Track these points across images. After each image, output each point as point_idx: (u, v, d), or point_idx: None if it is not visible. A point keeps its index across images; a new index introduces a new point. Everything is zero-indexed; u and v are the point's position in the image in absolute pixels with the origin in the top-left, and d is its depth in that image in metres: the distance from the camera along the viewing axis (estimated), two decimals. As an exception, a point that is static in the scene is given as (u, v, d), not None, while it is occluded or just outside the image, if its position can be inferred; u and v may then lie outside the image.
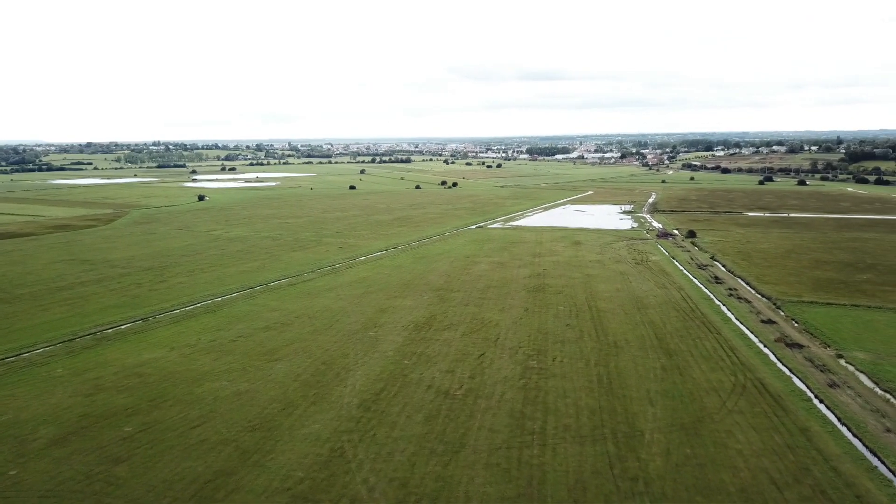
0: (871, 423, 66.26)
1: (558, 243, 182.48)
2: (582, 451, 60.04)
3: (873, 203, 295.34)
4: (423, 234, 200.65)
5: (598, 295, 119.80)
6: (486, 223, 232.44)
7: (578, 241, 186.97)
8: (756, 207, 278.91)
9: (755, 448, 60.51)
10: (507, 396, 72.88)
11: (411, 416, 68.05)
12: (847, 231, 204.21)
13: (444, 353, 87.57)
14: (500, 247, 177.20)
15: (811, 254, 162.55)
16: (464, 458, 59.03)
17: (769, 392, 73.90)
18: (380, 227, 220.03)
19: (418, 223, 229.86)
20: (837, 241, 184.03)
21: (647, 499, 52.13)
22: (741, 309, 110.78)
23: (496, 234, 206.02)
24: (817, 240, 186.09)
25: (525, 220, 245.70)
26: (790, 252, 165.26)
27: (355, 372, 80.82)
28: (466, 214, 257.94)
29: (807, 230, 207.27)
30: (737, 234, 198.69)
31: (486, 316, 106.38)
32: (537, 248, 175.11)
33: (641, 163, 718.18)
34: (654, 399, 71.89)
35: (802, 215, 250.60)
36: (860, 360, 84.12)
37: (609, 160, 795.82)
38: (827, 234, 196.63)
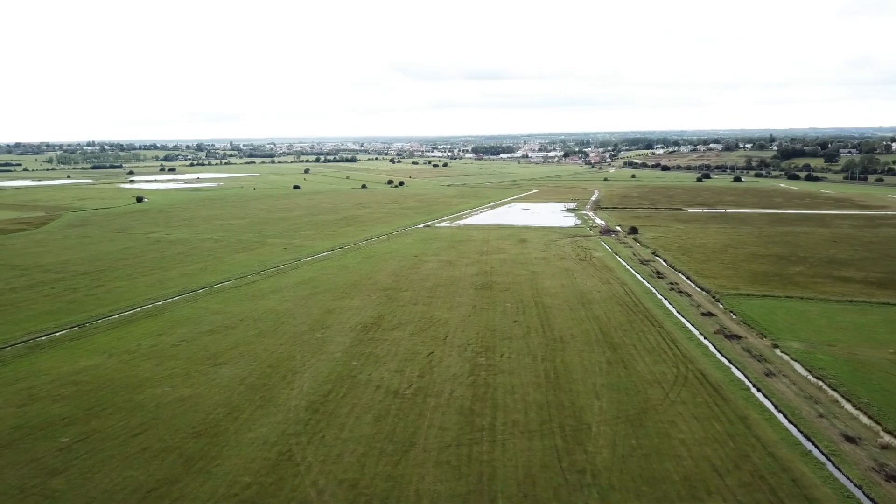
0: (805, 409, 68.98)
1: (505, 241, 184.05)
2: (531, 445, 60.69)
3: (804, 198, 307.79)
4: (370, 234, 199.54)
5: (544, 291, 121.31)
6: (433, 222, 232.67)
7: (524, 238, 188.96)
8: (695, 204, 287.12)
9: (697, 437, 62.28)
10: (456, 394, 73.10)
11: (360, 416, 67.58)
12: (780, 226, 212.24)
13: (393, 353, 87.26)
14: (447, 245, 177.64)
15: (747, 248, 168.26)
16: (414, 457, 58.94)
17: (710, 382, 76.16)
18: (325, 227, 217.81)
19: (365, 223, 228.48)
20: (772, 235, 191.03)
21: (595, 491, 53.05)
22: (682, 302, 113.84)
23: (444, 232, 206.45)
24: (753, 234, 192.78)
25: (472, 218, 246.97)
26: (727, 246, 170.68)
27: (303, 374, 79.77)
28: (414, 213, 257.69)
29: (743, 225, 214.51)
30: (677, 230, 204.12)
31: (434, 314, 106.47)
32: (484, 246, 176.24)
33: (584, 161, 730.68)
34: (599, 392, 73.21)
35: (738, 211, 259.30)
36: (794, 350, 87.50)
37: (553, 159, 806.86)
38: (762, 229, 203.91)
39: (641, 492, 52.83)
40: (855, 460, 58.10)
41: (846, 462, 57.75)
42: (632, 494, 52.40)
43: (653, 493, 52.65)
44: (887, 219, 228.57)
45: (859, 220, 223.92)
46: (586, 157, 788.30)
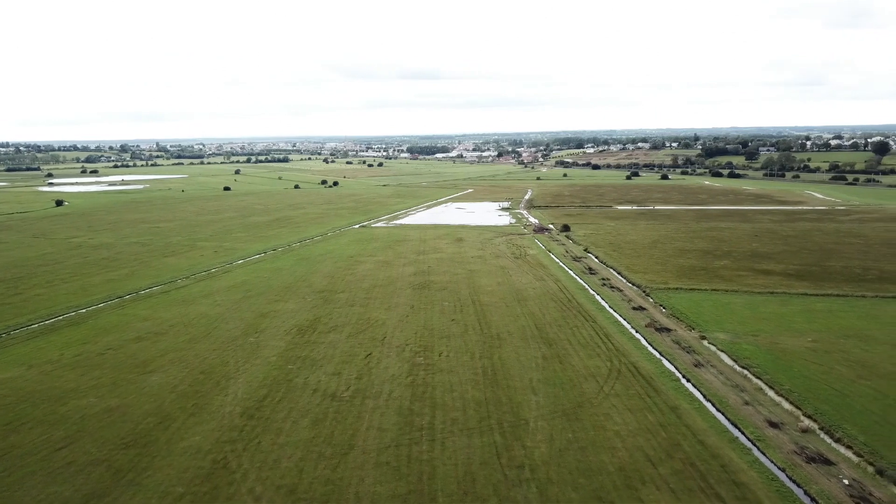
0: (731, 397, 71.76)
1: (441, 240, 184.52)
2: (470, 443, 61.01)
3: (727, 195, 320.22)
4: (304, 235, 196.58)
5: (480, 289, 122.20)
6: (369, 222, 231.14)
7: (461, 237, 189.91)
8: (624, 201, 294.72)
9: (631, 428, 63.92)
10: (395, 395, 72.80)
11: (297, 420, 66.48)
12: (706, 221, 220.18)
13: (330, 356, 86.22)
14: (384, 245, 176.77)
15: (675, 243, 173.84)
16: (353, 459, 58.38)
17: (642, 375, 78.30)
18: (258, 228, 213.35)
19: (299, 224, 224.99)
20: (697, 230, 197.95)
21: (534, 485, 53.75)
22: (614, 297, 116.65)
23: (380, 232, 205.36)
24: (680, 230, 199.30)
25: (408, 218, 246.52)
26: (656, 242, 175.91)
27: (237, 380, 77.89)
28: (349, 214, 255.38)
29: (670, 221, 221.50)
30: (608, 227, 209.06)
31: (372, 316, 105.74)
32: (421, 245, 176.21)
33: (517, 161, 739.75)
34: (536, 388, 74.24)
35: (666, 207, 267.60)
36: (721, 341, 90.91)
37: (487, 158, 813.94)
38: (688, 225, 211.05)
39: (578, 484, 53.84)
40: (778, 444, 60.81)
41: (770, 447, 60.38)
42: (569, 487, 53.34)
43: (589, 484, 53.74)
44: (804, 214, 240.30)
45: (778, 216, 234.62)
46: (519, 156, 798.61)
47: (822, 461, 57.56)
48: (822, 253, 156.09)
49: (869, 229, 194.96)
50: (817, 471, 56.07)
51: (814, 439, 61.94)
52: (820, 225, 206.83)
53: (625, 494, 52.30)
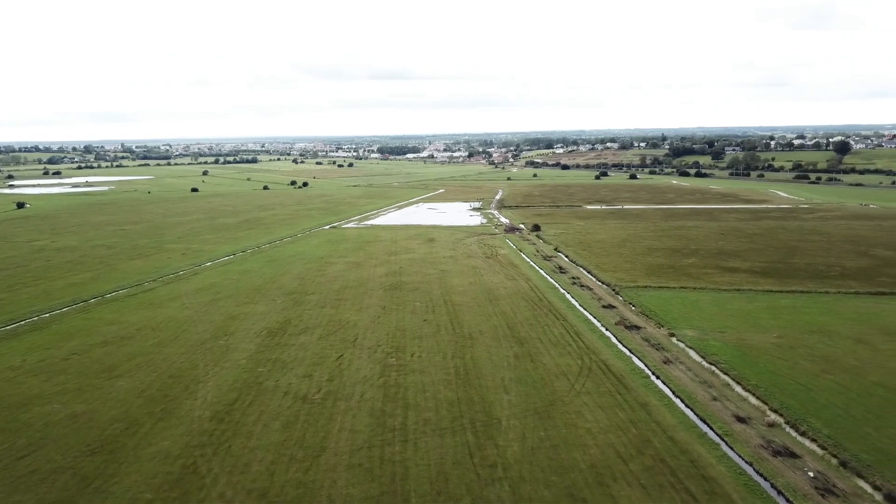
0: (700, 393, 72.84)
1: (413, 241, 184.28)
2: (442, 443, 61.01)
3: (694, 194, 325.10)
4: (273, 237, 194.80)
5: (452, 289, 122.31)
6: (339, 223, 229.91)
7: (432, 237, 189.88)
8: (594, 201, 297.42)
9: (602, 425, 64.52)
10: (367, 396, 72.50)
11: (268, 424, 65.84)
12: (673, 220, 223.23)
13: (301, 358, 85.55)
14: (355, 246, 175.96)
15: (643, 242, 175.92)
16: (325, 461, 58.00)
17: (612, 372, 79.08)
18: (226, 230, 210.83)
19: (268, 225, 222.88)
20: (665, 229, 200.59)
21: (506, 484, 53.94)
22: (584, 296, 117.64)
23: (351, 233, 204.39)
24: (648, 229, 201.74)
25: (379, 218, 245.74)
26: (625, 241, 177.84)
27: (206, 383, 76.86)
28: (319, 214, 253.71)
29: (639, 220, 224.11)
30: (577, 227, 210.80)
31: (343, 317, 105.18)
32: (392, 246, 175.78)
33: (488, 161, 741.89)
34: (508, 387, 74.53)
35: (635, 207, 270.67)
36: (689, 338, 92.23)
37: (458, 159, 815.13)
38: (656, 224, 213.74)
39: (551, 482, 54.17)
40: (745, 439, 61.88)
41: (738, 441, 61.42)
42: (542, 485, 53.64)
43: (562, 482, 54.10)
44: (768, 212, 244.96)
45: (744, 214, 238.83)
46: (490, 156, 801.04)
47: (787, 454, 58.72)
48: (787, 250, 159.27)
49: (831, 227, 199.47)
50: (783, 464, 57.19)
51: (780, 433, 63.15)
52: (784, 223, 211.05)
53: (596, 491, 52.76)
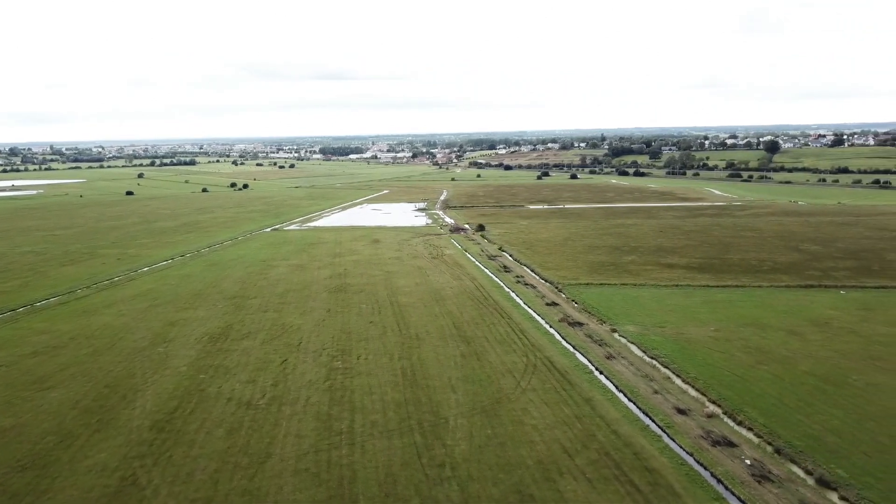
0: (642, 387, 74.54)
1: (357, 242, 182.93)
2: (390, 444, 60.71)
3: (633, 193, 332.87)
4: (213, 240, 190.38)
5: (398, 290, 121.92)
6: (281, 225, 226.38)
7: (377, 239, 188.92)
8: (536, 200, 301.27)
9: (548, 422, 65.33)
10: (312, 400, 71.56)
11: (211, 431, 64.24)
12: (613, 218, 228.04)
13: (244, 363, 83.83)
14: (298, 249, 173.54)
15: (585, 240, 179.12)
16: (271, 467, 56.96)
17: (557, 368, 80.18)
18: (164, 234, 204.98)
19: (207, 228, 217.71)
20: (606, 227, 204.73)
21: (455, 483, 54.04)
22: (528, 294, 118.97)
23: (293, 235, 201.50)
24: (589, 227, 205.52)
25: (323, 220, 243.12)
26: (567, 240, 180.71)
27: (145, 392, 74.50)
28: (260, 217, 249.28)
29: (580, 219, 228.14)
30: (521, 226, 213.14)
31: (287, 321, 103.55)
32: (337, 248, 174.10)
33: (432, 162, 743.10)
34: (455, 386, 74.72)
35: (576, 206, 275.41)
36: (631, 333, 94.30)
37: (401, 159, 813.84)
38: (597, 222, 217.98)
39: (498, 479, 54.52)
40: (686, 430, 63.63)
41: (679, 432, 63.10)
42: (490, 483, 53.94)
43: (509, 479, 54.52)
44: (704, 210, 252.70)
45: (681, 212, 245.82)
46: (434, 157, 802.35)
47: (726, 444, 60.63)
48: (722, 246, 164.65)
49: (763, 223, 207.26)
50: (722, 453, 59.03)
51: (718, 423, 65.17)
52: (719, 220, 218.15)
53: (543, 487, 53.37)
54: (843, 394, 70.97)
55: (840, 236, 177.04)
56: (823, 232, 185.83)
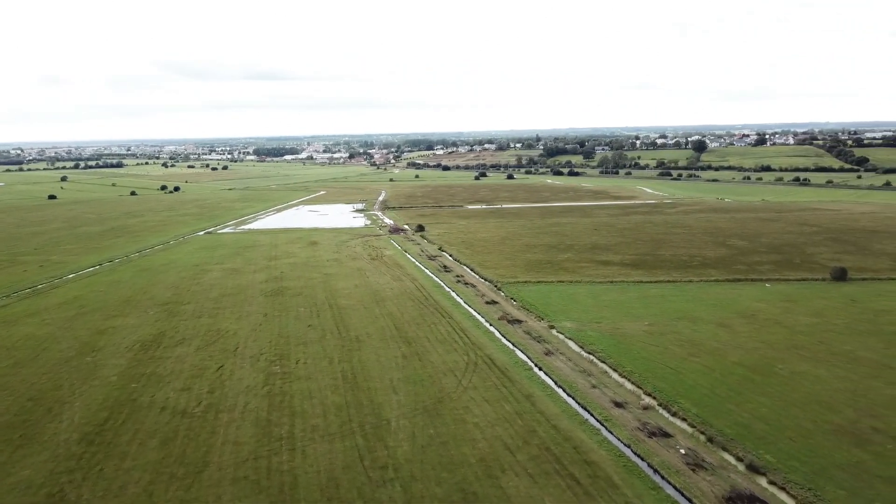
0: (580, 382, 75.94)
1: (294, 244, 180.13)
2: (332, 448, 59.99)
3: (568, 192, 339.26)
4: (143, 245, 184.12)
5: (337, 293, 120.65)
6: (215, 228, 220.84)
7: (315, 241, 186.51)
8: (475, 200, 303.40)
9: (489, 419, 65.79)
10: (251, 406, 70.04)
11: (144, 442, 62.05)
12: (549, 217, 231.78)
13: (179, 371, 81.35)
14: (232, 252, 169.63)
15: (522, 239, 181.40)
16: (208, 476, 55.42)
17: (497, 366, 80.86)
18: (90, 239, 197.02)
19: (137, 233, 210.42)
20: (542, 226, 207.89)
21: (398, 484, 53.80)
22: (468, 293, 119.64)
23: (228, 239, 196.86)
24: (526, 227, 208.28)
25: (258, 222, 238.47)
26: (505, 239, 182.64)
27: (72, 404, 71.38)
28: (193, 220, 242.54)
29: (517, 218, 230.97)
30: (460, 226, 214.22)
31: (222, 326, 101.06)
32: (273, 250, 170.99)
33: (369, 162, 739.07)
34: (397, 387, 74.44)
35: (513, 206, 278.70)
36: (568, 329, 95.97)
37: (338, 160, 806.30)
38: (534, 221, 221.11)
39: (442, 478, 54.58)
40: (623, 423, 65.16)
41: (616, 425, 64.56)
42: (433, 482, 53.94)
43: (452, 478, 54.64)
44: (636, 208, 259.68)
45: (614, 210, 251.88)
46: (371, 158, 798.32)
47: (661, 434, 62.38)
48: (654, 243, 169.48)
49: (692, 220, 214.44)
50: (658, 444, 60.70)
51: (654, 415, 66.99)
52: (650, 217, 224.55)
53: (486, 484, 53.71)
54: (770, 382, 74.07)
55: (764, 232, 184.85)
56: (749, 228, 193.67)
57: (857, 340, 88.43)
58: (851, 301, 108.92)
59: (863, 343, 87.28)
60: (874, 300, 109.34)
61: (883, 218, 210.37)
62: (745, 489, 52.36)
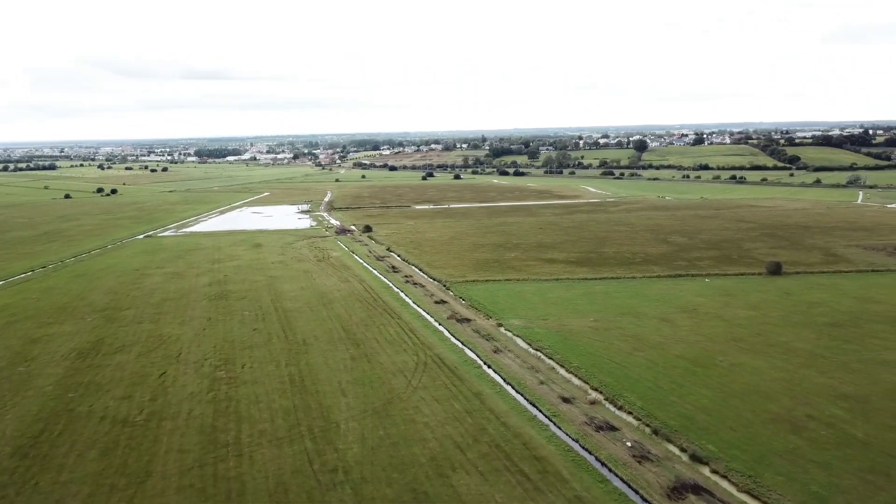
0: (528, 379, 76.70)
1: (238, 247, 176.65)
2: (280, 453, 59.03)
3: (514, 192, 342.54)
4: (79, 249, 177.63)
5: (283, 295, 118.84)
6: (155, 231, 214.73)
7: (259, 243, 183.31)
8: (422, 200, 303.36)
9: (439, 418, 65.83)
10: (195, 413, 68.32)
11: (83, 453, 59.82)
12: (496, 217, 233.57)
13: (119, 378, 78.75)
14: (174, 255, 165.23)
15: (470, 238, 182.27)
16: (152, 486, 53.80)
17: (446, 365, 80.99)
18: (21, 244, 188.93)
19: (72, 237, 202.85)
20: (489, 226, 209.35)
21: (348, 486, 53.31)
22: (417, 293, 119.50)
23: (169, 242, 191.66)
24: (474, 226, 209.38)
25: (200, 225, 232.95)
26: (453, 238, 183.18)
27: (4, 417, 68.28)
28: (131, 223, 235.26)
29: (465, 218, 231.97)
30: (408, 226, 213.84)
31: (164, 332, 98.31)
32: (216, 253, 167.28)
33: (315, 163, 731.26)
34: (345, 389, 73.77)
35: (460, 205, 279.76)
36: (516, 327, 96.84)
37: (282, 161, 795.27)
38: (481, 221, 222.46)
39: (392, 479, 54.32)
40: (571, 418, 66.10)
41: (564, 420, 65.45)
42: (383, 484, 53.63)
43: (403, 478, 54.44)
44: (580, 206, 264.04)
45: (559, 209, 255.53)
46: (316, 158, 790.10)
47: (608, 428, 63.52)
48: (598, 241, 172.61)
49: (634, 218, 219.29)
50: (605, 437, 61.79)
51: (601, 409, 68.17)
52: (594, 216, 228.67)
53: (437, 483, 53.71)
54: (711, 374, 76.31)
55: (703, 228, 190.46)
56: (689, 225, 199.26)
57: (792, 332, 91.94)
58: (786, 294, 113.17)
59: (797, 334, 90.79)
60: (807, 293, 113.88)
61: (814, 214, 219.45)
62: (689, 479, 53.77)
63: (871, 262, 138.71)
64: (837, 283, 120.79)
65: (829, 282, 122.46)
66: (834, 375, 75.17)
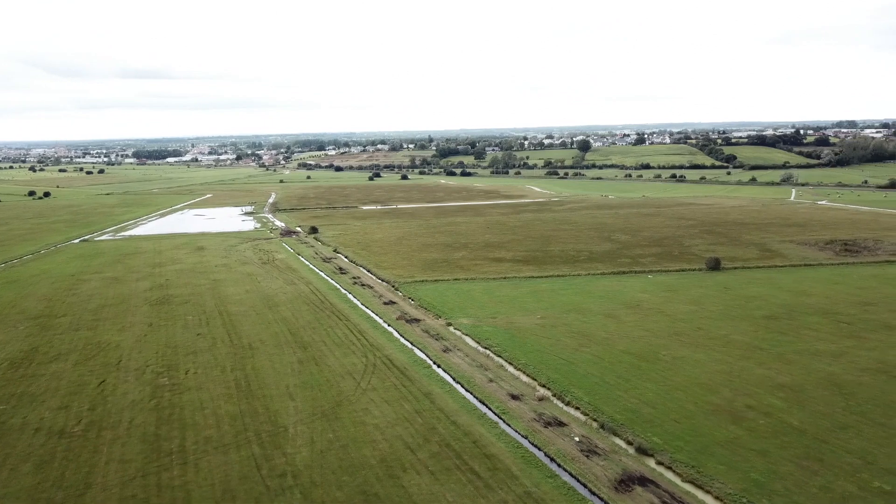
0: (477, 377, 77.10)
1: (180, 250, 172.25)
2: (227, 459, 57.80)
3: (461, 192, 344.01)
4: (9, 255, 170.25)
5: (227, 299, 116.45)
6: (92, 236, 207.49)
7: (202, 246, 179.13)
8: (369, 201, 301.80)
9: (389, 419, 65.56)
10: (137, 421, 66.30)
11: (17, 467, 57.34)
12: (444, 217, 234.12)
13: (54, 388, 75.78)
14: (112, 260, 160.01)
15: (418, 239, 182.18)
16: (91, 498, 51.94)
17: (396, 366, 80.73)
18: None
19: (2, 242, 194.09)
20: (437, 226, 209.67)
21: (298, 491, 52.58)
22: (365, 294, 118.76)
23: (106, 246, 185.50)
24: (422, 226, 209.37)
25: (139, 228, 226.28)
26: (401, 239, 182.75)
27: (-70, 431, 64.88)
28: (66, 227, 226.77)
29: (412, 219, 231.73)
30: (355, 227, 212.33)
31: (102, 339, 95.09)
32: (157, 257, 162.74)
33: (258, 164, 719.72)
34: (293, 393, 72.76)
35: (408, 206, 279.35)
36: (465, 325, 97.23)
37: (225, 162, 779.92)
38: (429, 221, 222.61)
39: (343, 482, 53.84)
40: (520, 415, 66.73)
41: (513, 417, 66.03)
42: (334, 487, 53.11)
43: (353, 481, 54.02)
44: (526, 206, 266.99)
45: (505, 209, 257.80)
46: (260, 159, 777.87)
47: (556, 424, 64.38)
48: (543, 240, 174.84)
49: (579, 216, 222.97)
50: (553, 433, 62.60)
51: (549, 405, 69.03)
52: (540, 215, 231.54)
53: (388, 484, 53.47)
54: (655, 368, 78.15)
55: (645, 226, 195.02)
56: (631, 223, 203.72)
57: (731, 325, 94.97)
58: (725, 289, 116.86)
59: (736, 327, 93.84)
60: (744, 287, 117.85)
61: (750, 211, 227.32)
62: (635, 471, 54.94)
63: (803, 256, 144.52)
64: (773, 278, 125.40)
65: (765, 276, 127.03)
66: (771, 366, 77.95)
